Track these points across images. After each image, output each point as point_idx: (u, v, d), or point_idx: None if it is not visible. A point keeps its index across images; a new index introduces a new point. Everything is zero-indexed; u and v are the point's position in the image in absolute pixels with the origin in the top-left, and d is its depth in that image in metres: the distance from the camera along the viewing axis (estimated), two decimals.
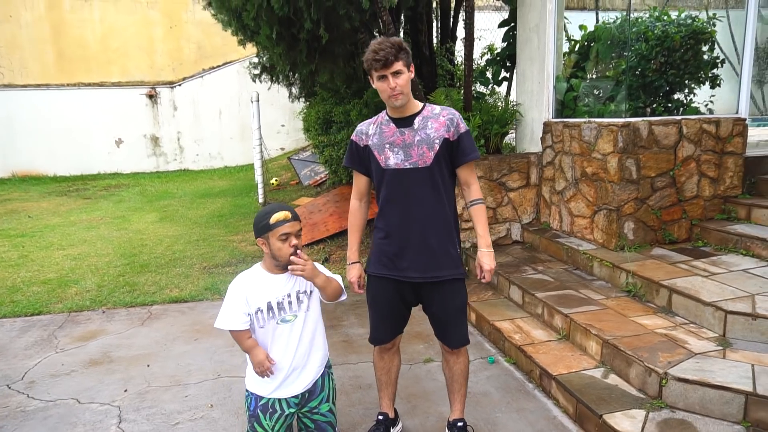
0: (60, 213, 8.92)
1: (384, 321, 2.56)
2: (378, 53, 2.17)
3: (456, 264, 2.43)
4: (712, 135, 4.28)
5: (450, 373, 2.63)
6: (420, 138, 2.32)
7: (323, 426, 2.36)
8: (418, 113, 2.36)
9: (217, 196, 10.16)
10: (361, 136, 2.45)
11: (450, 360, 2.60)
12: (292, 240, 2.12)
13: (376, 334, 2.60)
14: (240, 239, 6.80)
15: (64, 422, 2.94)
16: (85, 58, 13.61)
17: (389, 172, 2.35)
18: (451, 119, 2.34)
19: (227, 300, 2.19)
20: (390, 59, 2.18)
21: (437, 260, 2.38)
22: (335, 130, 7.65)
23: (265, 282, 2.19)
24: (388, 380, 2.69)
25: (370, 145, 2.41)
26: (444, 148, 2.33)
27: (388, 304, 2.51)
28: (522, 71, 5.44)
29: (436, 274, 2.39)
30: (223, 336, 4.00)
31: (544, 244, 4.80)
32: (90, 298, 4.82)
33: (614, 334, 3.12)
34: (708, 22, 4.72)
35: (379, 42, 2.20)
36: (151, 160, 13.96)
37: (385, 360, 2.66)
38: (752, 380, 2.57)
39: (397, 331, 2.60)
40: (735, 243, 3.95)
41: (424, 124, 2.34)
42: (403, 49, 2.21)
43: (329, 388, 2.37)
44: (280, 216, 2.12)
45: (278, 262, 2.16)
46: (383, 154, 2.37)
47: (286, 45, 5.17)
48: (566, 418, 2.87)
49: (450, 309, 2.47)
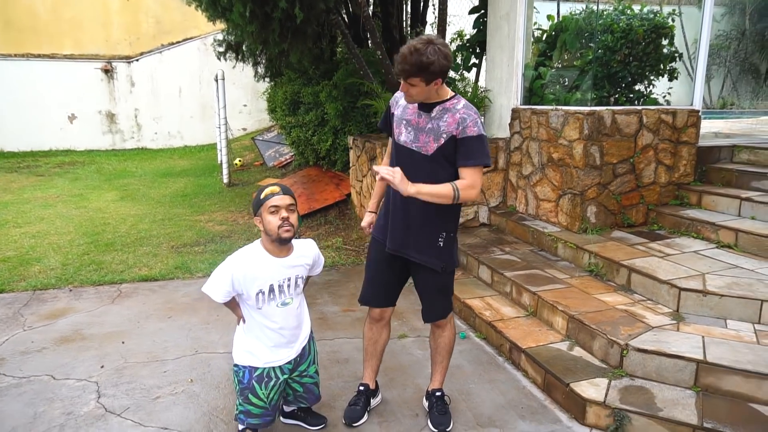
0: (12, 190, 8.56)
1: (373, 282, 2.66)
2: (403, 63, 2.18)
3: (435, 254, 2.47)
4: (669, 125, 4.54)
5: (435, 345, 2.74)
6: (431, 127, 2.36)
7: (311, 387, 2.52)
8: (441, 102, 2.36)
9: (178, 175, 9.96)
10: (394, 102, 2.55)
11: (435, 332, 2.72)
12: (281, 213, 2.20)
13: (364, 293, 2.71)
14: (206, 219, 6.73)
15: (41, 398, 2.91)
16: (35, 28, 12.94)
17: (399, 147, 2.46)
18: (464, 119, 2.31)
19: (218, 272, 2.26)
20: (405, 75, 2.21)
21: (414, 241, 2.47)
22: (303, 111, 7.63)
23: (267, 264, 2.26)
24: (374, 351, 2.79)
25: (395, 114, 2.51)
26: (449, 144, 2.34)
27: (377, 266, 2.63)
28: (492, 58, 5.58)
29: (409, 254, 2.49)
30: (198, 314, 4.02)
31: (511, 227, 5.00)
32: (55, 276, 4.70)
33: (579, 310, 3.32)
34: (668, 17, 4.96)
35: (410, 51, 2.15)
36: (106, 138, 13.49)
37: (374, 331, 2.76)
38: (702, 350, 2.81)
39: (385, 299, 2.68)
40: (687, 227, 4.24)
41: (441, 115, 2.35)
42: (423, 70, 2.16)
43: (314, 352, 2.58)
44: (269, 190, 2.22)
45: (270, 237, 2.23)
46: (399, 128, 2.47)
47: (259, 24, 5.11)
48: (535, 388, 3.06)
49: (429, 287, 2.59)
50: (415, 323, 3.83)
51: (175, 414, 2.77)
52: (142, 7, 13.65)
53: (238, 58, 8.34)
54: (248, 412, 2.35)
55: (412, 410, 2.83)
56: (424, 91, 2.27)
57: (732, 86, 10.05)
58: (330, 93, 6.81)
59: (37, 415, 2.76)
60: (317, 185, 7.45)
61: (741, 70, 10.11)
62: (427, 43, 2.16)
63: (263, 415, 2.37)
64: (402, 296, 2.76)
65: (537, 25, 5.58)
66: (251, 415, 2.35)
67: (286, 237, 2.22)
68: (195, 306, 4.15)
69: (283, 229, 2.20)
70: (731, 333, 3.00)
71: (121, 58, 13.41)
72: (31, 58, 12.78)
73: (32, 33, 12.92)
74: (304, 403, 2.59)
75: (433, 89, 2.28)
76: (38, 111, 12.83)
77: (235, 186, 8.75)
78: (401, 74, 2.22)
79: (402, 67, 2.19)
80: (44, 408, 2.82)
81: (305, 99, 7.52)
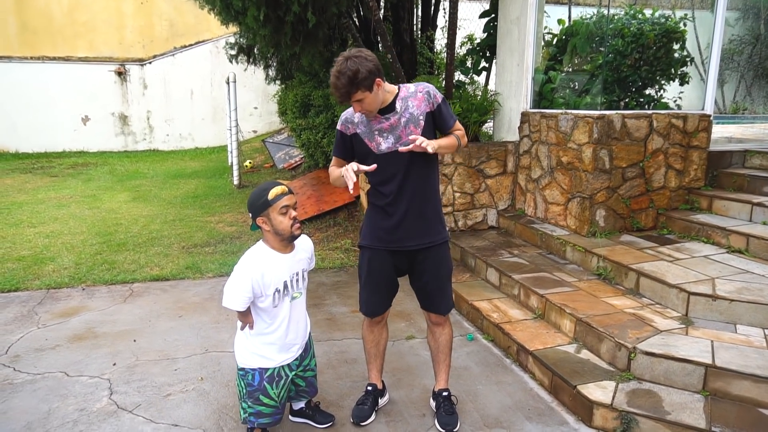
0: (26, 190, 8.69)
1: (378, 292, 2.66)
2: (337, 89, 2.26)
3: (444, 228, 2.62)
4: (679, 129, 4.53)
5: (435, 344, 2.77)
6: (406, 118, 2.43)
7: (312, 380, 2.62)
8: (396, 97, 2.44)
9: (189, 177, 10.05)
10: (347, 125, 2.52)
11: (436, 332, 2.74)
12: (291, 212, 2.23)
13: (370, 306, 2.70)
14: (217, 220, 6.80)
15: (55, 394, 2.96)
16: (50, 31, 13.13)
17: (382, 156, 2.45)
18: (428, 92, 2.45)
19: (236, 281, 2.24)
20: (346, 97, 2.28)
21: (431, 227, 2.56)
22: (313, 114, 7.68)
23: (278, 262, 2.30)
24: (376, 352, 2.82)
25: (359, 133, 2.49)
26: (429, 122, 2.46)
27: (383, 275, 2.62)
28: (502, 62, 5.59)
29: (431, 240, 2.56)
30: (209, 313, 4.07)
31: (519, 230, 5.00)
32: (68, 276, 4.78)
33: (586, 313, 3.33)
34: (679, 22, 4.95)
35: (336, 74, 2.24)
36: (119, 139, 13.64)
37: (374, 333, 2.78)
38: (711, 354, 2.81)
39: (388, 303, 2.72)
40: (697, 231, 4.22)
41: (406, 105, 2.44)
42: (357, 82, 2.23)
43: (312, 344, 2.67)
44: (278, 190, 2.24)
45: (282, 236, 2.26)
46: (374, 141, 2.46)
47: (272, 27, 5.17)
48: (542, 390, 3.06)
49: (441, 275, 2.63)
50: (422, 324, 3.85)
51: (186, 411, 2.81)
52: (155, 10, 13.81)
53: (250, 60, 8.43)
54: (259, 413, 2.37)
55: (419, 410, 2.85)
56: (372, 97, 2.31)
57: (746, 91, 9.98)
58: None
59: (51, 410, 2.81)
60: (326, 187, 7.49)
61: (755, 75, 10.03)
62: (344, 61, 2.25)
63: (274, 414, 2.40)
64: (408, 298, 2.79)
65: (547, 29, 5.59)
66: (262, 416, 2.38)
67: (298, 234, 2.28)
68: (205, 305, 4.19)
69: (295, 227, 2.25)
70: (741, 338, 2.99)
71: (135, 60, 13.57)
72: (46, 61, 12.97)
73: (47, 36, 13.11)
74: (305, 396, 2.65)
75: (380, 92, 2.34)
76: (52, 113, 13.01)
77: (245, 188, 8.82)
78: (344, 100, 2.29)
79: (340, 94, 2.27)
80: (58, 404, 2.87)
81: (316, 102, 7.57)
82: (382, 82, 2.33)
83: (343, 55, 2.27)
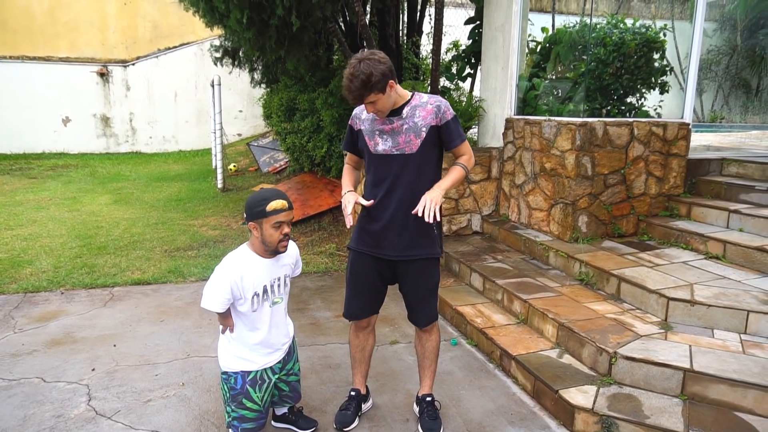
0: (4, 192, 8.52)
1: (360, 296, 2.65)
2: (350, 92, 2.27)
3: (432, 244, 2.56)
4: (659, 137, 4.61)
5: (422, 350, 2.76)
6: (408, 126, 2.44)
7: (295, 385, 2.60)
8: (407, 103, 2.46)
9: (173, 180, 9.95)
10: (355, 120, 2.58)
11: (422, 337, 2.73)
12: (284, 228, 2.22)
13: (350, 309, 2.68)
14: (200, 224, 6.73)
15: (31, 400, 2.90)
16: (31, 30, 12.92)
17: (378, 157, 2.48)
18: (438, 107, 2.45)
19: (215, 283, 2.22)
20: (359, 99, 2.30)
21: (415, 240, 2.52)
22: (299, 118, 7.66)
23: (259, 266, 2.28)
24: (362, 358, 2.81)
25: (362, 129, 2.54)
26: (431, 135, 2.45)
27: (366, 278, 2.61)
28: (486, 68, 5.65)
29: (412, 253, 2.53)
30: (191, 317, 4.03)
31: (503, 235, 5.04)
32: (47, 279, 4.69)
33: (569, 318, 3.36)
34: (660, 32, 5.05)
35: (350, 77, 2.25)
36: (101, 141, 13.46)
37: (360, 338, 2.77)
38: (689, 359, 2.85)
39: (371, 308, 2.70)
40: (676, 238, 4.29)
41: (413, 113, 2.45)
42: (371, 85, 2.25)
43: (296, 349, 2.66)
44: (278, 205, 2.19)
45: (267, 247, 2.25)
46: (373, 140, 2.49)
47: (256, 30, 5.15)
48: (525, 395, 3.09)
49: (422, 288, 2.60)
50: (406, 329, 3.86)
51: (167, 417, 2.78)
52: (139, 11, 13.67)
53: (235, 63, 8.39)
54: (242, 417, 2.35)
55: (403, 415, 2.85)
56: (386, 99, 2.34)
57: (723, 100, 10.20)
58: (326, 100, 6.85)
59: (27, 417, 2.75)
60: (311, 191, 7.48)
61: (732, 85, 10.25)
62: (357, 63, 2.25)
63: (257, 419, 2.38)
64: (393, 302, 2.79)
65: (531, 36, 5.66)
66: (246, 420, 2.36)
67: (283, 251, 2.28)
68: (187, 310, 4.15)
69: (281, 244, 2.24)
70: (718, 342, 3.04)
71: (118, 61, 13.41)
72: (26, 61, 12.76)
73: (28, 35, 12.90)
74: (289, 402, 2.62)
75: (392, 94, 2.36)
76: (32, 113, 12.79)
77: (229, 191, 8.76)
78: (356, 102, 2.32)
79: (353, 96, 2.28)
80: (34, 410, 2.81)
81: (301, 105, 7.56)
82: (394, 84, 2.35)
83: (356, 57, 2.27)
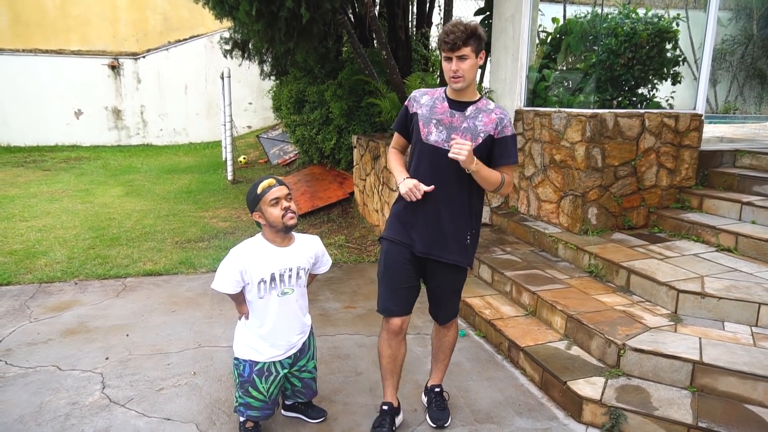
0: (18, 184, 8.64)
1: (396, 289, 2.47)
2: (448, 35, 2.20)
3: (463, 252, 2.46)
4: (671, 129, 4.57)
5: (438, 344, 2.72)
6: (467, 126, 2.34)
7: (309, 382, 2.57)
8: (473, 102, 2.37)
9: (183, 172, 10.02)
10: (413, 102, 2.48)
11: (440, 332, 2.70)
12: (282, 203, 2.26)
13: (385, 303, 2.49)
14: (211, 215, 6.79)
15: (47, 388, 2.96)
16: (43, 23, 13.05)
17: (427, 147, 2.37)
18: (501, 119, 2.36)
19: (224, 265, 2.30)
20: (458, 44, 2.19)
21: (446, 242, 2.41)
22: (308, 110, 7.68)
23: (268, 253, 2.31)
24: (393, 368, 2.59)
25: (418, 114, 2.42)
26: (486, 144, 2.35)
27: (402, 269, 2.46)
28: (496, 60, 5.61)
29: (441, 255, 2.43)
30: (202, 308, 4.07)
31: (512, 227, 5.03)
32: (61, 270, 4.76)
33: (577, 310, 3.36)
34: (672, 22, 4.99)
35: (453, 24, 2.22)
36: (112, 134, 13.59)
37: (392, 347, 2.55)
38: (699, 351, 2.85)
39: (407, 304, 2.51)
40: (687, 230, 4.26)
41: (476, 115, 2.36)
42: (474, 35, 2.20)
43: (313, 347, 2.63)
44: (266, 183, 2.29)
45: (276, 228, 2.28)
46: (427, 127, 2.38)
47: (265, 22, 5.16)
48: (533, 386, 3.09)
49: (447, 290, 2.55)
50: (414, 320, 3.87)
51: (179, 405, 2.82)
52: (149, 4, 13.74)
53: (244, 56, 8.41)
54: (248, 404, 2.40)
55: (411, 405, 2.87)
56: (473, 65, 2.26)
57: (738, 91, 10.06)
58: (335, 92, 6.86)
59: (43, 404, 2.81)
60: (321, 183, 7.50)
61: (747, 75, 10.10)
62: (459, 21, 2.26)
63: (263, 409, 2.42)
64: None
65: (542, 27, 5.61)
66: (251, 408, 2.40)
67: (292, 224, 2.30)
68: (198, 300, 4.20)
69: (287, 217, 2.27)
70: (728, 335, 3.03)
71: (128, 54, 13.50)
72: (39, 54, 12.88)
73: (40, 28, 13.02)
74: (301, 397, 2.64)
75: (476, 69, 2.28)
76: (45, 106, 12.94)
77: (239, 183, 8.81)
78: (451, 46, 2.21)
79: (452, 38, 2.19)
80: (50, 398, 2.87)
81: (310, 98, 7.57)
82: (483, 57, 2.32)
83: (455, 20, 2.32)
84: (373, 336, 3.64)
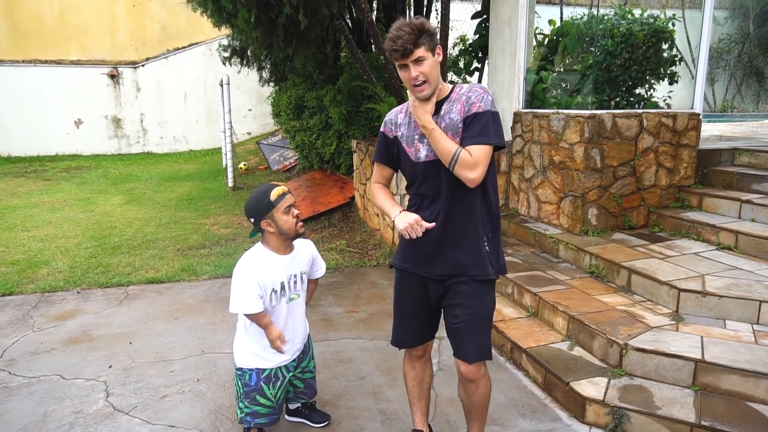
0: (19, 194, 8.66)
1: (409, 320, 2.30)
2: (396, 41, 1.93)
3: (486, 263, 2.14)
4: (669, 128, 4.58)
5: (469, 403, 2.26)
6: (446, 124, 2.06)
7: (311, 382, 2.62)
8: (446, 98, 2.10)
9: (184, 179, 10.05)
10: (390, 126, 2.23)
11: (468, 387, 2.20)
12: (293, 211, 2.28)
13: (398, 335, 2.33)
14: (212, 222, 6.80)
15: (51, 397, 2.97)
16: (41, 33, 13.10)
17: (421, 165, 2.12)
18: (468, 97, 2.05)
19: (240, 284, 2.24)
20: (409, 47, 1.93)
21: (467, 258, 2.13)
22: (307, 116, 7.71)
23: (276, 262, 2.33)
24: (420, 393, 2.41)
25: (398, 137, 2.19)
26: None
27: (414, 300, 2.26)
28: (494, 62, 5.63)
29: (464, 273, 2.13)
30: (204, 315, 4.08)
31: (513, 229, 5.04)
32: (63, 279, 4.78)
33: (579, 311, 3.36)
34: (668, 22, 5.01)
35: (398, 27, 1.95)
36: (112, 142, 13.62)
37: (417, 369, 2.38)
38: (701, 349, 2.85)
39: (424, 335, 2.33)
40: (688, 229, 4.27)
41: (450, 108, 2.08)
42: (424, 32, 1.94)
43: (312, 347, 2.68)
44: (280, 191, 2.28)
45: (286, 236, 2.30)
46: (413, 146, 2.14)
47: (263, 29, 5.20)
48: (536, 387, 3.10)
49: (472, 313, 2.13)
50: None
51: (182, 412, 2.83)
52: (147, 12, 13.79)
53: (243, 63, 8.46)
54: (255, 413, 2.39)
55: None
56: (433, 64, 1.99)
57: (735, 89, 10.09)
58: (334, 97, 6.89)
59: (47, 413, 2.82)
60: (321, 189, 7.52)
61: (744, 74, 10.14)
62: (404, 19, 2.02)
63: (270, 414, 2.42)
64: None
65: (539, 29, 5.64)
66: (259, 416, 2.40)
67: (302, 231, 2.34)
68: (201, 307, 4.21)
69: (299, 225, 2.30)
70: (730, 333, 3.03)
71: (127, 63, 13.55)
72: (38, 64, 12.93)
73: (38, 39, 13.07)
74: (304, 398, 2.66)
75: (437, 68, 2.02)
76: (45, 116, 12.98)
77: (240, 190, 8.83)
78: (402, 53, 1.94)
79: (401, 42, 1.93)
80: (54, 407, 2.88)
81: (309, 103, 7.60)
82: (441, 52, 2.04)
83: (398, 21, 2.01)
84: (375, 339, 3.65)
